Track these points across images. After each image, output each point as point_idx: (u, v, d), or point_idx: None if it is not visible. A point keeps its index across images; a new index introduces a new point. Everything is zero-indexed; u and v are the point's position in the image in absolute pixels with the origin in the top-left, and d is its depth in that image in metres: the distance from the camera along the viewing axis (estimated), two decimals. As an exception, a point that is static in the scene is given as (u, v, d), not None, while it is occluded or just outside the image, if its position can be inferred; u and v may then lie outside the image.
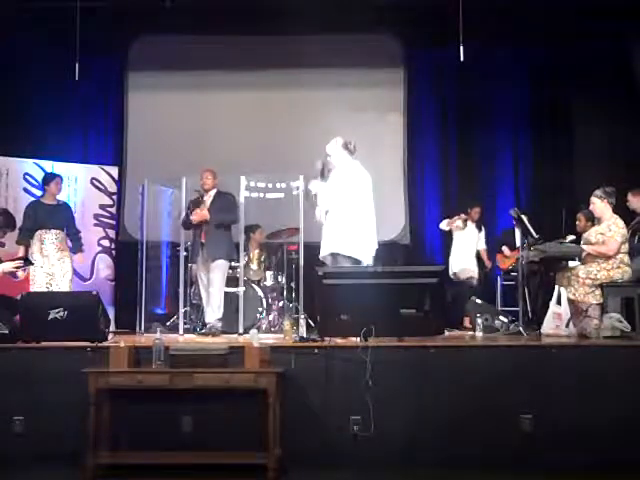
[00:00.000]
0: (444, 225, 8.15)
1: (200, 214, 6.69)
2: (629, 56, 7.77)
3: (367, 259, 5.58)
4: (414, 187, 8.81)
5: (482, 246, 8.23)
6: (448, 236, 8.19)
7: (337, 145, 5.73)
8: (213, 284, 6.68)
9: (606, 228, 5.71)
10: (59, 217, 6.74)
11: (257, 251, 7.67)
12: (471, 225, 8.13)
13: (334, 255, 5.54)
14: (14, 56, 8.20)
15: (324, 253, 5.63)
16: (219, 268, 6.69)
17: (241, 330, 6.62)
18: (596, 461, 4.39)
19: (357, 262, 5.50)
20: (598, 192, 5.82)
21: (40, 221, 6.64)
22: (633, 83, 7.68)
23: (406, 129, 8.83)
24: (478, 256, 8.17)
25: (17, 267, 6.05)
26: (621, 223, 5.72)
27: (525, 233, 6.20)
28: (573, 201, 7.52)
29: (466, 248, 8.03)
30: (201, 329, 6.86)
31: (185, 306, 7.23)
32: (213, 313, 6.64)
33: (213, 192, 6.83)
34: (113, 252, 8.22)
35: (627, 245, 5.73)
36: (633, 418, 4.49)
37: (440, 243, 8.55)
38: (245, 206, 6.93)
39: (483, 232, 8.25)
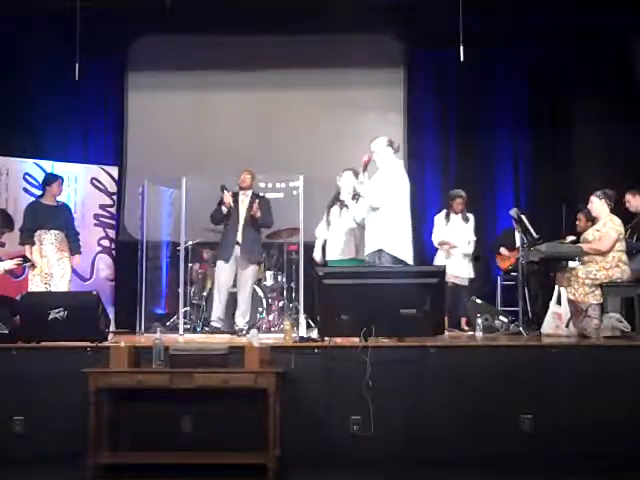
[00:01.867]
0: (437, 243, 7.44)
1: (255, 206, 6.67)
2: (629, 56, 7.77)
3: (409, 259, 5.58)
4: (414, 187, 8.77)
5: (472, 238, 7.43)
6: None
7: (383, 143, 5.73)
8: (245, 288, 6.71)
9: (602, 225, 5.73)
10: (58, 218, 6.73)
11: (257, 251, 7.66)
12: (455, 218, 7.41)
13: (380, 252, 5.52)
14: (14, 56, 8.20)
15: (370, 250, 5.61)
16: (253, 272, 6.77)
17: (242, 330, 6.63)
18: (596, 461, 4.39)
19: (401, 262, 5.49)
20: (598, 192, 5.85)
21: (39, 221, 6.64)
22: (633, 83, 7.68)
23: (406, 129, 8.83)
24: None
25: (17, 264, 6.06)
26: (618, 221, 5.74)
27: (525, 233, 6.20)
28: (573, 201, 7.52)
29: (453, 247, 7.30)
30: (202, 328, 6.87)
31: (185, 306, 7.23)
32: (243, 318, 6.68)
33: (250, 192, 6.84)
34: (113, 252, 8.23)
35: (623, 243, 5.74)
36: (633, 418, 4.49)
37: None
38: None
39: (472, 222, 7.47)
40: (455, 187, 8.45)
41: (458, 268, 7.27)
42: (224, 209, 6.75)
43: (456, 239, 7.35)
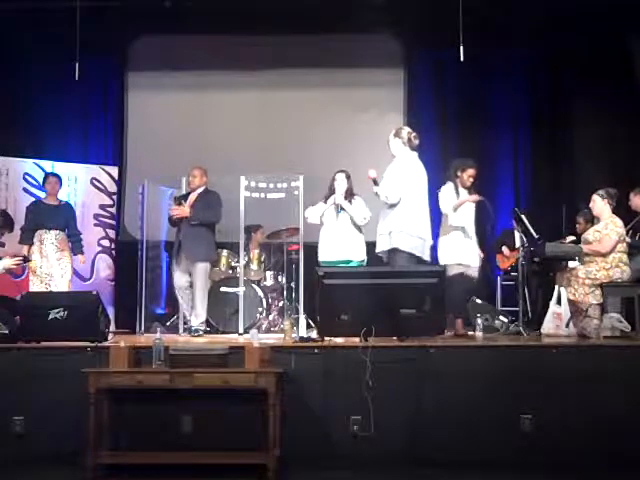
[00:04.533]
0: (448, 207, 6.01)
1: (180, 209, 6.62)
2: (629, 56, 7.76)
3: (426, 256, 5.54)
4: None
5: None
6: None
7: (391, 134, 5.72)
8: (197, 287, 6.61)
9: (603, 226, 5.73)
10: (59, 217, 6.75)
11: (257, 251, 7.67)
12: (463, 193, 6.13)
13: (394, 250, 5.47)
14: (14, 56, 8.20)
15: (382, 248, 5.56)
16: (200, 271, 6.59)
17: (241, 330, 6.62)
18: (596, 461, 4.39)
19: (417, 259, 5.45)
20: (600, 191, 5.85)
21: (40, 221, 6.66)
22: (633, 83, 7.67)
23: (406, 129, 8.82)
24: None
25: (17, 264, 6.06)
26: (619, 222, 5.74)
27: (525, 233, 6.20)
28: (573, 201, 7.52)
29: (459, 229, 6.02)
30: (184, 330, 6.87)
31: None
32: (196, 318, 6.61)
33: (199, 190, 6.80)
34: (113, 252, 8.22)
35: (625, 245, 5.74)
36: (633, 418, 4.49)
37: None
38: (245, 206, 6.92)
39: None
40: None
41: (469, 254, 6.01)
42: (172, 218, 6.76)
43: (464, 222, 6.07)
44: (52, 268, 6.61)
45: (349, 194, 6.26)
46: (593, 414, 4.49)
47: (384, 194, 5.54)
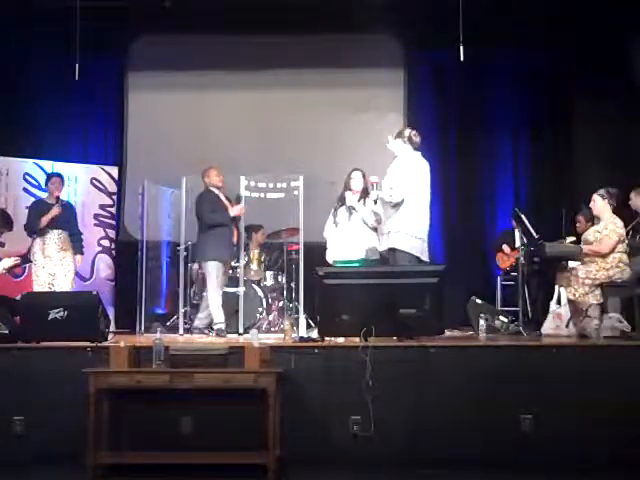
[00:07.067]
0: None
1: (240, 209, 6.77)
2: (629, 56, 7.77)
3: (425, 256, 5.55)
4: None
5: None
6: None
7: (393, 135, 5.76)
8: (222, 286, 6.76)
9: (603, 227, 5.73)
10: (61, 217, 6.74)
11: (257, 251, 7.67)
12: None
13: (393, 250, 5.50)
14: (14, 56, 8.20)
15: (384, 248, 5.61)
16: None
17: (241, 330, 6.63)
18: (596, 461, 4.39)
19: (416, 259, 5.47)
20: (601, 191, 5.85)
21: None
22: (633, 83, 7.67)
23: (406, 129, 8.81)
24: None
25: (16, 264, 6.06)
26: (619, 223, 5.73)
27: (525, 233, 6.20)
28: (573, 202, 7.52)
29: None
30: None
31: (185, 306, 7.23)
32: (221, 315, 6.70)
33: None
34: (113, 252, 8.22)
35: (625, 245, 5.74)
36: (633, 418, 4.49)
37: (440, 243, 8.53)
38: (245, 206, 6.93)
39: None
40: (455, 187, 8.43)
41: None
42: (232, 214, 6.72)
43: None
44: (55, 267, 6.62)
45: (364, 193, 6.18)
46: (593, 414, 4.48)
47: (388, 193, 5.55)
